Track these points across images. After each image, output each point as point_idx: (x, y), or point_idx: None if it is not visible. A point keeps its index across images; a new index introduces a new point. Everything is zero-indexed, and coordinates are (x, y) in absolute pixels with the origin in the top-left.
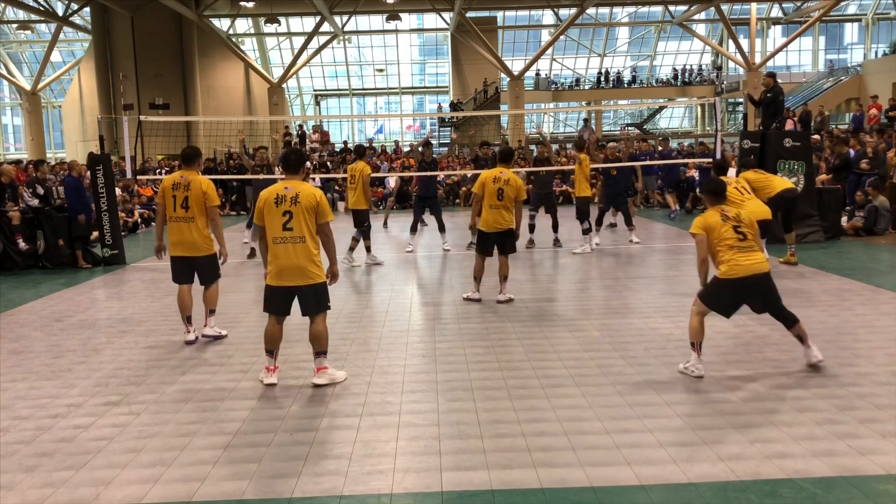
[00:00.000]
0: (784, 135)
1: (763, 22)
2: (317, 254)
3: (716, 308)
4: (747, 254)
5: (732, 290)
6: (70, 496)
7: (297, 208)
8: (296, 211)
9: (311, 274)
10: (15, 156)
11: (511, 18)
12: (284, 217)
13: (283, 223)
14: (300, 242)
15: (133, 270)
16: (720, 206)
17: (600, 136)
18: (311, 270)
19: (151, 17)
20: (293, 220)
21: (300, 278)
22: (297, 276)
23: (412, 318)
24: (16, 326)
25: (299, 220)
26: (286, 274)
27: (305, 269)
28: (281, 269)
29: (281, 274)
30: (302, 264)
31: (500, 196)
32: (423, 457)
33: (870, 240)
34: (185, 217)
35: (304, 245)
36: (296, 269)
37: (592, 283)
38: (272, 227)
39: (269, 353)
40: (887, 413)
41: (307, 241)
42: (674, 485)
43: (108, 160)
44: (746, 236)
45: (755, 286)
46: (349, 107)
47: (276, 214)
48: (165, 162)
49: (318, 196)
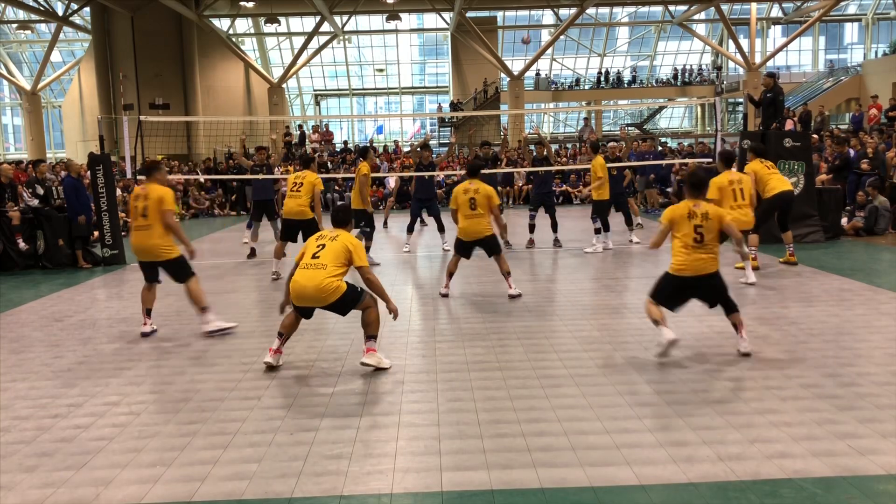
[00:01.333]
0: (784, 135)
1: (763, 22)
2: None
3: (663, 302)
4: (699, 254)
5: (675, 287)
6: (70, 496)
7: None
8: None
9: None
10: (15, 156)
11: (511, 18)
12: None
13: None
14: (321, 269)
15: (133, 270)
16: (695, 201)
17: (600, 136)
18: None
19: (151, 17)
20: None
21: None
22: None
23: (412, 318)
24: (16, 326)
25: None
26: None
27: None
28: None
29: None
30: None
31: (473, 205)
32: (423, 457)
33: (870, 240)
34: (144, 225)
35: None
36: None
37: (592, 283)
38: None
39: (279, 335)
40: (887, 413)
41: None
42: (674, 485)
43: (108, 160)
44: (703, 238)
45: (699, 286)
46: (349, 107)
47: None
48: (165, 162)
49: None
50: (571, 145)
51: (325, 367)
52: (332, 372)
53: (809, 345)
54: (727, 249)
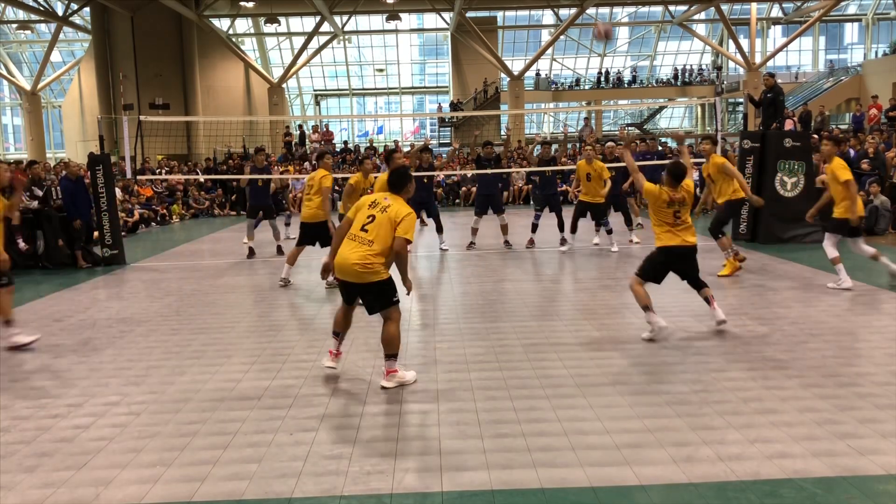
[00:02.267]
0: (784, 135)
1: (763, 22)
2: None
3: (650, 276)
4: (680, 231)
5: (665, 257)
6: (70, 496)
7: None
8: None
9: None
10: (15, 156)
11: (511, 18)
12: (368, 219)
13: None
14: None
15: (133, 270)
16: (674, 189)
17: (600, 136)
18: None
19: (151, 17)
20: (374, 222)
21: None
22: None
23: (412, 319)
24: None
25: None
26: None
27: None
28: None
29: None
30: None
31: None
32: (423, 457)
33: (870, 240)
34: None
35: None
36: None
37: (592, 283)
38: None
39: (335, 335)
40: (887, 413)
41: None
42: (674, 485)
43: (108, 160)
44: (681, 217)
45: (683, 256)
46: (349, 107)
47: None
48: (165, 162)
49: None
50: (571, 145)
51: (325, 367)
52: (333, 372)
53: (809, 345)
54: (712, 253)
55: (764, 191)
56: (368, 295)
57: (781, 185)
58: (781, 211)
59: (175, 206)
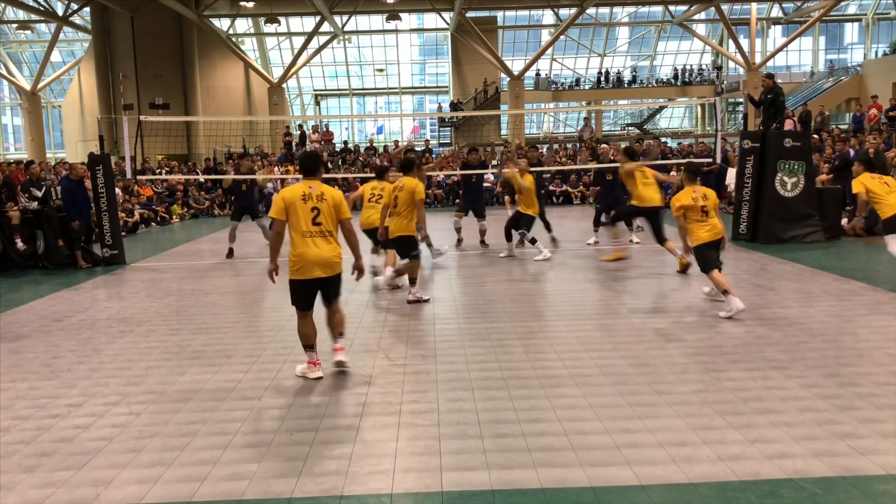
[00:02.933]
0: (784, 135)
1: (763, 22)
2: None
3: (713, 266)
4: (711, 224)
5: (712, 249)
6: (70, 496)
7: (323, 205)
8: (323, 207)
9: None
10: (15, 156)
11: (511, 18)
12: (313, 213)
13: (313, 218)
14: (330, 235)
15: (133, 270)
16: (694, 186)
17: (600, 136)
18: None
19: (151, 17)
20: (321, 215)
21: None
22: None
23: (412, 319)
24: (16, 326)
25: (326, 216)
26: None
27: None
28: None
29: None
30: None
31: (395, 203)
32: (423, 457)
33: (870, 240)
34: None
35: (334, 237)
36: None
37: (592, 283)
38: (302, 223)
39: (308, 347)
40: (887, 413)
41: (334, 235)
42: (674, 485)
43: (108, 160)
44: (709, 213)
45: (718, 243)
46: (349, 107)
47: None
48: (165, 162)
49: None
50: (571, 145)
51: (326, 367)
52: (333, 372)
53: (809, 345)
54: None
55: (764, 191)
56: (331, 285)
57: (781, 185)
58: (781, 211)
59: (175, 206)
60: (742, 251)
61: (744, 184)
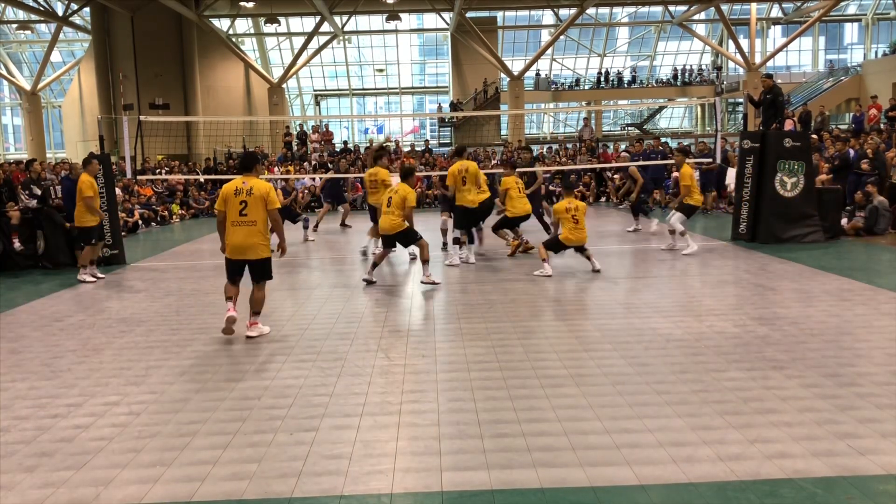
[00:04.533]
0: (784, 135)
1: (763, 22)
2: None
3: (552, 250)
4: (578, 229)
5: (564, 246)
6: (70, 496)
7: (251, 198)
8: (251, 200)
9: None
10: (15, 156)
11: (511, 18)
12: (241, 205)
13: (240, 210)
14: (252, 225)
15: (133, 270)
16: (569, 199)
17: (600, 136)
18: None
19: (151, 17)
20: (248, 207)
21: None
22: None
23: (412, 319)
24: (16, 326)
25: (252, 207)
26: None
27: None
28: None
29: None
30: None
31: (389, 204)
32: (423, 457)
33: (870, 240)
34: None
35: (255, 227)
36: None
37: (592, 283)
38: (231, 213)
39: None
40: (887, 413)
41: (258, 224)
42: (674, 485)
43: (108, 160)
44: (579, 221)
45: (577, 248)
46: (349, 107)
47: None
48: (165, 162)
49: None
50: (571, 145)
51: (325, 367)
52: (333, 372)
53: (809, 345)
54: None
55: (764, 191)
56: (256, 269)
57: (781, 185)
58: (781, 211)
59: (175, 206)
60: (742, 251)
61: (743, 184)
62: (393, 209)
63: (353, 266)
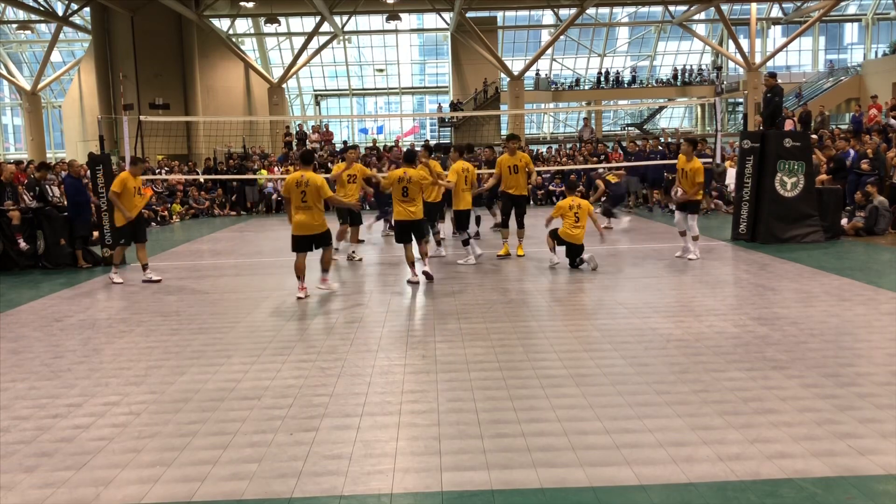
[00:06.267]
0: (784, 135)
1: (763, 22)
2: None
3: (558, 243)
4: (577, 228)
5: (563, 242)
6: (70, 496)
7: (308, 188)
8: (308, 191)
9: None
10: (15, 156)
11: (511, 18)
12: (301, 195)
13: (301, 198)
14: (311, 209)
15: (133, 270)
16: (572, 198)
17: (600, 136)
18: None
19: (151, 17)
20: (307, 196)
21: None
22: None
23: (412, 318)
24: (16, 326)
25: (310, 196)
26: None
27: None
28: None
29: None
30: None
31: (406, 192)
32: (423, 457)
33: (870, 240)
34: None
35: (314, 210)
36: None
37: (593, 283)
38: (295, 200)
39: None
40: (887, 413)
41: (315, 208)
42: (674, 485)
43: (108, 160)
44: (579, 220)
45: (576, 246)
46: (349, 107)
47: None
48: (165, 162)
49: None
50: (571, 145)
51: (325, 367)
52: (332, 371)
53: (809, 345)
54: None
55: (764, 191)
56: (322, 240)
57: (781, 185)
58: (781, 211)
59: (175, 206)
60: (742, 251)
61: (743, 184)
62: (414, 196)
63: (354, 266)
